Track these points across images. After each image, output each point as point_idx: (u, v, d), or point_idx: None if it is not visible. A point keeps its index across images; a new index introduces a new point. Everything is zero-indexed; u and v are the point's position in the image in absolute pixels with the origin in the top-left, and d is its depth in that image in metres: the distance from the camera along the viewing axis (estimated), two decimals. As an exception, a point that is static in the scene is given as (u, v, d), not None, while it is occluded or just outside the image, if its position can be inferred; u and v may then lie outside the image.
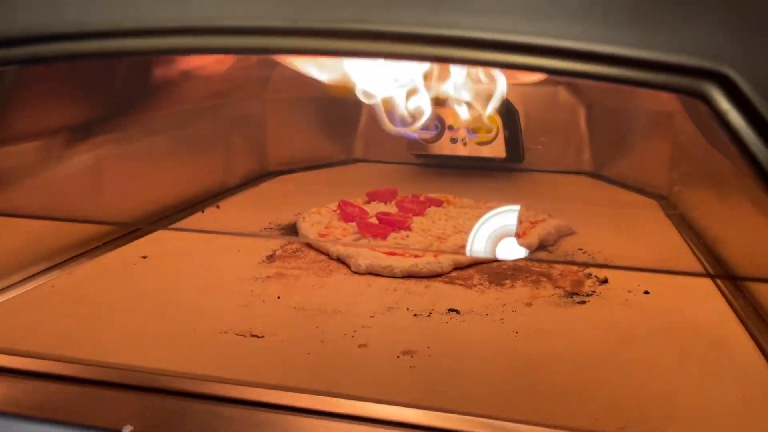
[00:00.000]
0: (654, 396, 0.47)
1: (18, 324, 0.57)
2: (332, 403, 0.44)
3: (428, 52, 0.30)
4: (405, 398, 0.45)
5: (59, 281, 0.67)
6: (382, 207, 0.91)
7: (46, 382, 0.48)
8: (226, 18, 0.33)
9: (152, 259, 0.74)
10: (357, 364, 0.51)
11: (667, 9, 0.29)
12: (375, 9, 0.30)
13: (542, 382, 0.49)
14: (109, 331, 0.56)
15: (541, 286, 0.68)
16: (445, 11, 0.31)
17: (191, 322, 0.58)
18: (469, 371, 0.50)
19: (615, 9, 0.30)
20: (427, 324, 0.58)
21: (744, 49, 0.28)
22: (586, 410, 0.45)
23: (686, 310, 0.62)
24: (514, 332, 0.57)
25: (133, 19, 0.34)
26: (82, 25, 0.35)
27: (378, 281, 0.68)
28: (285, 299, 0.63)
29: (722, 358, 0.52)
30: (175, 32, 0.34)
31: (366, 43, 0.31)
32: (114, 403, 0.45)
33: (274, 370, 0.50)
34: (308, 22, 0.32)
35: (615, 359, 0.52)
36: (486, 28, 0.29)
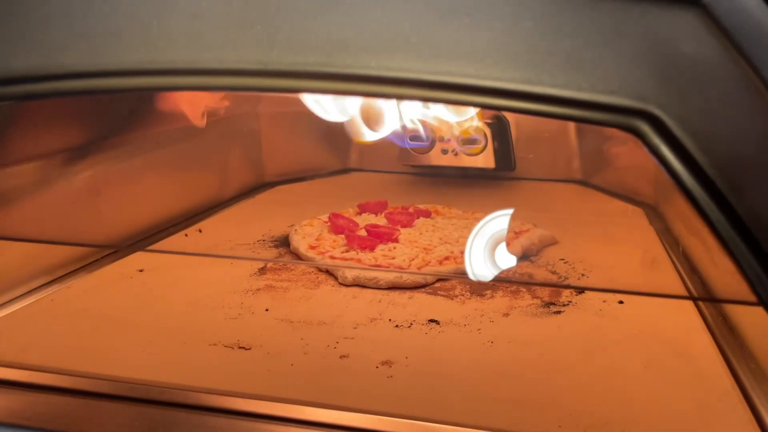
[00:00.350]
0: (616, 402, 0.49)
1: (18, 337, 0.60)
2: (312, 412, 0.47)
3: (383, 90, 0.33)
4: (381, 407, 0.47)
5: (58, 295, 0.70)
6: (373, 218, 0.94)
7: (43, 394, 0.50)
8: (206, 61, 0.36)
9: (148, 273, 0.77)
10: (337, 374, 0.54)
11: (601, 57, 0.32)
12: (334, 55, 0.33)
13: (511, 390, 0.51)
14: (104, 344, 0.59)
15: (520, 296, 0.70)
16: (405, 57, 0.34)
17: (183, 334, 0.61)
18: (444, 380, 0.53)
19: (555, 56, 0.33)
20: (408, 335, 0.61)
21: (667, 91, 0.31)
22: (551, 416, 0.47)
23: (657, 319, 0.64)
24: (489, 342, 0.60)
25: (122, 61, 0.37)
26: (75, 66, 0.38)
27: (363, 293, 0.71)
28: (273, 312, 0.66)
29: (686, 367, 0.55)
30: (161, 73, 0.37)
31: (328, 83, 0.34)
32: (108, 413, 0.48)
33: (259, 381, 0.53)
34: (277, 65, 0.35)
35: (583, 367, 0.55)
36: (433, 72, 0.32)
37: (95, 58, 0.38)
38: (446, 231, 0.88)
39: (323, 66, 0.34)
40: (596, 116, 0.33)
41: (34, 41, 0.39)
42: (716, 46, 0.31)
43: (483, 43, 0.32)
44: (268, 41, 0.35)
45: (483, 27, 0.32)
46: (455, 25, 0.32)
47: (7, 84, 0.41)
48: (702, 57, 0.31)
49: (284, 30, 0.35)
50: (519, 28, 0.32)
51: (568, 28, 0.32)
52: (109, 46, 0.38)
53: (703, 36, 0.30)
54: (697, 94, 0.31)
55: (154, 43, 0.37)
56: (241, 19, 0.35)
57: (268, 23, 0.35)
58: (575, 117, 0.33)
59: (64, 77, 0.39)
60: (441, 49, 0.33)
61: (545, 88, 0.32)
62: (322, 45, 0.34)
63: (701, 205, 0.33)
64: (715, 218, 0.33)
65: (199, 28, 0.36)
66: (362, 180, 1.31)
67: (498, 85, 0.32)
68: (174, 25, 0.37)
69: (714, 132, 0.32)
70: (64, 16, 0.39)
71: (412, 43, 0.33)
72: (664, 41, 0.31)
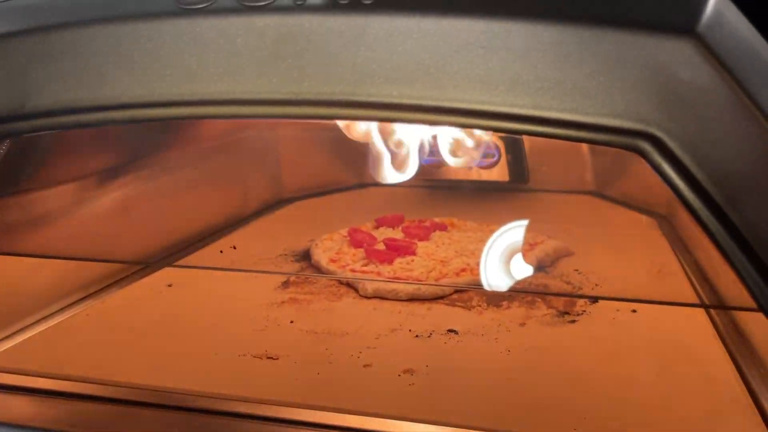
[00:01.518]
0: (630, 407, 0.51)
1: (57, 350, 0.63)
2: (338, 418, 0.50)
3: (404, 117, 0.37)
4: (404, 413, 0.50)
5: (93, 310, 0.74)
6: (390, 232, 0.97)
7: (83, 403, 0.54)
8: (242, 92, 0.40)
9: (176, 288, 0.80)
10: (361, 382, 0.57)
11: (605, 84, 0.35)
12: (359, 85, 0.37)
13: (528, 395, 0.54)
14: (138, 355, 0.62)
15: (536, 306, 0.73)
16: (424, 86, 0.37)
17: (213, 345, 0.64)
18: (463, 387, 0.56)
19: (563, 83, 0.35)
20: (428, 344, 0.64)
21: (667, 114, 0.34)
22: (566, 421, 0.49)
23: (670, 328, 0.66)
24: (507, 351, 0.62)
25: (165, 93, 0.40)
26: (121, 98, 0.42)
27: (383, 304, 0.74)
28: (298, 323, 0.69)
29: (698, 373, 0.57)
30: (200, 103, 0.40)
31: (353, 110, 0.37)
32: (145, 420, 0.51)
33: (287, 389, 0.55)
34: (307, 95, 0.38)
35: (597, 374, 0.57)
36: (450, 99, 0.35)
37: (140, 90, 0.42)
38: (462, 244, 0.91)
39: (349, 95, 0.38)
40: (602, 138, 0.36)
41: (83, 75, 0.43)
42: (711, 71, 0.33)
43: (496, 73, 0.35)
44: (298, 73, 0.38)
45: (496, 58, 0.35)
46: (470, 56, 0.35)
47: (57, 115, 0.44)
48: (698, 81, 0.34)
49: (313, 63, 0.38)
50: (529, 58, 0.35)
51: (574, 57, 0.34)
52: (153, 79, 0.41)
53: (699, 62, 0.33)
54: (695, 116, 0.34)
55: (195, 77, 0.40)
56: (274, 54, 0.39)
57: (298, 57, 0.38)
58: (582, 138, 0.36)
59: (110, 108, 0.43)
60: (457, 78, 0.36)
61: (554, 112, 0.35)
62: (348, 76, 0.37)
63: (702, 218, 0.36)
64: (715, 230, 0.36)
65: (236, 62, 0.40)
66: (378, 194, 1.34)
67: (510, 110, 0.35)
68: (212, 60, 0.40)
69: (711, 151, 0.34)
70: (111, 52, 0.42)
71: (430, 73, 0.36)
72: (663, 68, 0.34)
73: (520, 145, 1.21)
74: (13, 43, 0.44)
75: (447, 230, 0.98)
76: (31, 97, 0.44)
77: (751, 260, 0.35)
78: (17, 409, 0.53)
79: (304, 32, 0.38)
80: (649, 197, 1.09)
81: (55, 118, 0.44)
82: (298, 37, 0.38)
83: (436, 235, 0.95)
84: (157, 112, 0.42)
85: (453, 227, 1.00)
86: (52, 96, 0.44)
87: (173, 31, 0.40)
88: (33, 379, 0.56)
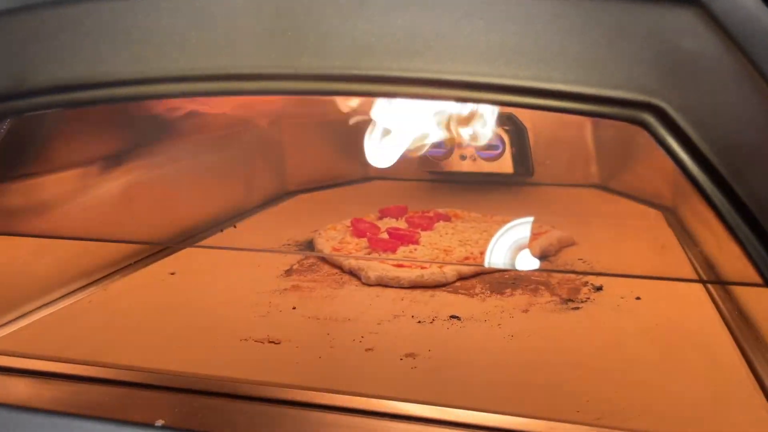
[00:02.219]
0: (634, 390, 0.51)
1: (61, 334, 0.63)
2: (340, 399, 0.49)
3: (404, 91, 0.36)
4: (406, 395, 0.50)
5: (96, 296, 0.74)
6: (393, 222, 0.96)
7: (87, 385, 0.54)
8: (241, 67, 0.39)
9: (179, 276, 0.80)
10: (363, 365, 0.56)
11: (608, 54, 0.34)
12: (359, 58, 0.36)
13: (531, 378, 0.53)
14: (141, 340, 0.62)
15: (539, 294, 0.72)
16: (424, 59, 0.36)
17: (215, 330, 0.64)
18: (466, 371, 0.55)
19: (565, 54, 0.35)
20: (430, 329, 0.63)
21: (670, 85, 0.33)
22: (570, 402, 0.49)
23: (675, 315, 0.66)
24: (510, 336, 0.62)
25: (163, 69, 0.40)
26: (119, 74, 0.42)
27: (386, 292, 0.74)
28: (300, 309, 0.69)
29: (702, 359, 0.56)
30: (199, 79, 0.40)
31: (353, 85, 0.37)
32: (147, 401, 0.51)
33: (289, 372, 0.55)
34: (307, 69, 0.38)
35: (601, 358, 0.57)
36: (450, 72, 0.35)
37: (138, 66, 0.41)
38: (466, 234, 0.90)
39: (349, 69, 0.37)
40: (604, 110, 0.35)
41: (81, 52, 0.43)
42: (715, 41, 0.33)
43: (496, 44, 0.35)
44: (297, 47, 0.38)
45: (496, 29, 0.35)
46: (470, 28, 0.35)
47: (57, 92, 0.44)
48: (702, 52, 0.33)
49: (312, 36, 0.38)
50: (530, 29, 0.35)
51: (576, 28, 0.34)
52: (150, 55, 0.41)
53: (703, 32, 0.33)
54: (699, 86, 0.34)
55: (193, 52, 0.40)
56: (273, 28, 0.38)
57: (297, 30, 0.38)
58: (584, 111, 0.36)
59: (110, 85, 0.43)
60: (457, 50, 0.35)
61: (556, 84, 0.35)
62: (348, 49, 0.37)
63: (706, 191, 0.35)
64: (720, 203, 0.35)
65: (234, 37, 0.39)
66: (382, 188, 1.34)
67: (511, 82, 0.35)
68: (211, 35, 0.40)
69: (715, 121, 0.34)
70: (110, 28, 0.42)
71: (430, 45, 0.36)
72: (666, 38, 0.33)
73: (524, 138, 1.20)
74: (11, 20, 0.44)
75: (451, 221, 0.98)
76: (30, 75, 0.44)
77: (756, 234, 0.35)
78: (21, 391, 0.53)
79: (303, 5, 0.37)
80: (654, 189, 1.09)
81: (53, 96, 0.44)
82: (296, 11, 0.38)
83: (440, 226, 0.95)
84: (156, 88, 0.42)
85: (456, 218, 1.00)
86: (51, 73, 0.43)
87: (171, 6, 0.40)
88: (36, 362, 0.56)
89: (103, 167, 0.77)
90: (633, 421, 0.46)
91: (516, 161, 1.21)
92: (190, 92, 0.41)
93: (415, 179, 1.33)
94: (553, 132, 1.26)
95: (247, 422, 0.48)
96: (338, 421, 0.48)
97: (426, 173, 1.30)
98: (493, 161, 1.23)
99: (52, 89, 0.44)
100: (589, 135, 1.26)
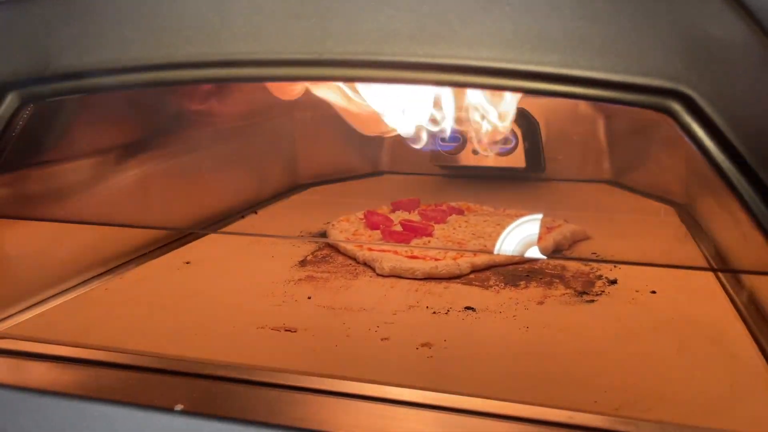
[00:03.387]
0: (650, 381, 0.51)
1: (79, 321, 0.64)
2: (357, 386, 0.49)
3: (429, 77, 0.36)
4: (423, 383, 0.50)
5: (112, 284, 0.74)
6: (406, 215, 0.96)
7: (107, 369, 0.54)
8: (265, 52, 0.39)
9: (194, 265, 0.80)
10: (379, 354, 0.57)
11: (635, 41, 0.34)
12: (384, 44, 0.36)
13: (547, 369, 0.53)
14: (158, 327, 0.63)
15: (554, 286, 0.72)
16: (449, 45, 0.36)
17: (231, 319, 0.64)
18: (482, 360, 0.55)
19: (591, 41, 0.35)
20: (445, 320, 0.63)
21: (697, 71, 0.33)
22: (587, 394, 0.49)
23: (690, 308, 0.65)
24: (525, 327, 0.62)
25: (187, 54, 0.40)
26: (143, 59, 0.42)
27: (400, 283, 0.74)
28: (315, 299, 0.69)
29: (719, 351, 0.56)
30: (223, 64, 0.40)
31: (377, 71, 0.37)
32: (166, 386, 0.51)
33: (305, 360, 0.55)
34: (331, 55, 0.38)
35: (617, 350, 0.57)
36: (476, 57, 0.35)
37: (162, 51, 0.42)
38: (479, 227, 0.90)
39: (373, 55, 0.37)
40: (630, 97, 0.35)
41: (105, 37, 0.43)
42: (743, 28, 0.33)
43: (523, 30, 0.35)
44: (322, 33, 0.38)
45: (522, 15, 0.35)
46: (496, 13, 0.35)
47: (80, 78, 0.44)
48: (729, 39, 0.33)
49: (337, 22, 0.38)
50: (556, 15, 0.34)
51: (603, 14, 0.34)
52: (174, 40, 0.41)
53: (730, 19, 0.33)
54: (726, 74, 0.34)
55: (217, 37, 0.40)
56: (297, 13, 0.39)
57: (321, 16, 0.38)
58: (610, 99, 0.36)
59: (133, 70, 0.43)
60: (483, 36, 0.35)
61: (582, 70, 0.35)
62: (372, 35, 0.37)
63: (732, 180, 0.35)
64: (746, 192, 0.35)
65: (258, 22, 0.39)
66: (394, 182, 1.34)
67: (538, 68, 0.35)
68: (235, 20, 0.40)
69: (743, 110, 0.34)
70: (133, 13, 0.42)
71: (455, 31, 0.36)
72: (694, 24, 0.33)
73: (536, 134, 1.20)
74: (35, 5, 0.44)
75: (463, 214, 0.98)
76: (54, 60, 0.44)
77: (781, 223, 0.35)
78: (41, 375, 0.54)
79: (329, -10, 0.38)
80: (667, 186, 1.08)
81: (77, 81, 0.44)
82: (322, -4, 0.38)
83: (453, 219, 0.95)
84: (180, 73, 0.42)
85: (469, 211, 1.00)
86: (74, 58, 0.44)
87: (197, -9, 0.40)
88: (56, 347, 0.57)
89: (120, 155, 0.77)
90: (652, 411, 0.46)
91: (528, 157, 1.21)
92: (214, 78, 0.41)
93: (427, 174, 1.33)
94: (565, 128, 1.26)
95: (264, 408, 0.48)
96: (356, 407, 0.48)
97: (437, 167, 1.30)
98: (505, 156, 1.23)
99: (76, 74, 0.44)
100: (601, 131, 1.26)
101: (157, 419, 0.47)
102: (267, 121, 1.14)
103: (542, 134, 1.21)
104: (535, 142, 1.20)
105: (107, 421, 0.48)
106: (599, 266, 0.78)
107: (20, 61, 0.45)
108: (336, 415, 0.47)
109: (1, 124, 0.48)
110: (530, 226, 0.79)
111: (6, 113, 0.48)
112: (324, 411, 0.48)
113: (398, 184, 1.32)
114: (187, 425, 0.46)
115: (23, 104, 0.48)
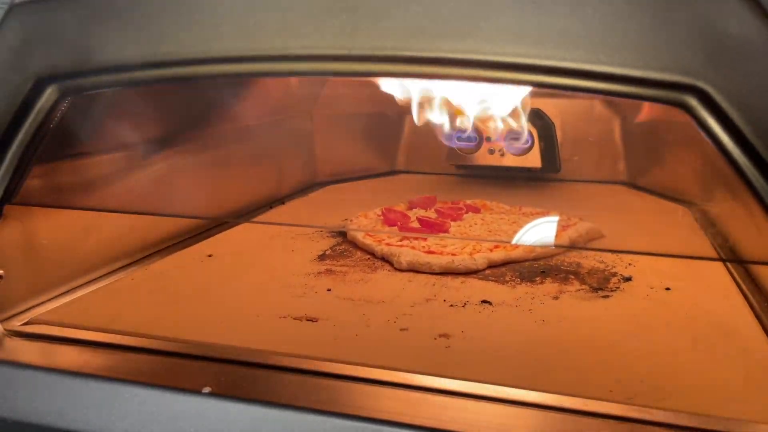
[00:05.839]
0: (664, 372, 0.52)
1: (107, 308, 0.66)
2: (378, 372, 0.51)
3: (454, 72, 0.38)
4: (442, 371, 0.51)
5: (137, 275, 0.77)
6: (423, 213, 0.98)
7: (136, 354, 0.56)
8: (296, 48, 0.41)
9: (217, 258, 0.83)
10: (399, 344, 0.58)
11: (653, 37, 0.36)
12: (411, 40, 0.38)
13: (563, 359, 0.55)
14: (183, 315, 0.65)
15: (569, 282, 0.73)
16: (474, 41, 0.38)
17: (254, 308, 0.66)
18: (499, 351, 0.57)
19: (612, 37, 0.36)
20: (462, 313, 0.65)
21: (714, 67, 0.34)
22: (601, 382, 0.50)
23: (705, 304, 0.66)
24: (541, 320, 0.63)
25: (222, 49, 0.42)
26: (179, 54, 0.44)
27: (418, 277, 0.75)
28: (335, 291, 0.71)
29: (732, 344, 0.57)
30: (256, 59, 0.42)
31: (405, 66, 0.39)
32: (195, 370, 0.53)
33: (326, 348, 0.57)
34: (360, 50, 0.39)
35: (632, 343, 0.58)
36: (500, 53, 0.36)
37: (198, 46, 0.43)
38: (495, 224, 0.92)
39: (401, 50, 0.39)
40: (648, 93, 0.36)
41: (143, 32, 0.45)
42: (760, 25, 0.34)
43: (546, 26, 0.36)
44: (351, 28, 0.40)
45: (546, 12, 0.36)
46: (520, 10, 0.37)
47: (119, 71, 0.46)
48: (747, 35, 0.34)
49: (366, 18, 0.40)
50: (578, 12, 0.36)
51: (623, 11, 0.35)
52: (210, 35, 0.43)
53: (747, 15, 0.34)
54: (743, 70, 0.35)
55: (250, 33, 0.42)
56: (327, 9, 0.40)
57: (351, 12, 0.40)
58: (628, 94, 0.37)
59: (170, 64, 0.45)
60: (507, 32, 0.37)
61: (603, 66, 0.36)
62: (400, 31, 0.39)
63: (747, 175, 0.37)
64: (761, 188, 0.36)
65: (290, 18, 0.41)
66: (410, 181, 1.36)
67: (560, 64, 0.36)
68: (268, 16, 0.42)
69: (759, 105, 0.35)
70: (171, 9, 0.44)
71: (481, 27, 0.37)
72: (711, 21, 0.34)
73: (552, 134, 1.21)
74: (76, 1, 0.46)
75: (480, 212, 0.99)
76: (94, 54, 0.46)
77: (795, 217, 0.36)
78: (72, 358, 0.56)
79: (359, -12, 0.39)
80: (682, 187, 1.09)
81: (115, 75, 0.46)
82: (352, -7, 0.39)
83: (469, 216, 0.96)
84: (214, 68, 0.44)
85: (485, 209, 1.01)
86: (113, 52, 0.46)
87: (232, -12, 0.42)
88: (86, 332, 0.59)
89: (148, 150, 0.79)
90: (665, 401, 0.47)
91: (544, 157, 1.22)
92: (248, 72, 0.43)
93: (443, 173, 1.34)
94: (581, 128, 1.27)
95: (288, 391, 0.50)
96: (376, 392, 0.49)
97: (453, 167, 1.31)
98: (521, 156, 1.24)
99: (114, 68, 0.46)
100: (617, 132, 1.27)
101: (186, 401, 0.48)
102: (287, 119, 1.16)
103: (558, 135, 1.22)
104: (551, 142, 1.21)
105: (137, 402, 0.50)
106: (614, 264, 0.79)
107: (60, 54, 0.48)
108: (357, 400, 0.49)
109: (40, 116, 0.50)
110: (546, 223, 0.80)
111: (45, 105, 0.50)
112: (345, 395, 0.49)
113: (414, 183, 1.34)
114: (215, 407, 0.48)
115: (62, 97, 0.50)
